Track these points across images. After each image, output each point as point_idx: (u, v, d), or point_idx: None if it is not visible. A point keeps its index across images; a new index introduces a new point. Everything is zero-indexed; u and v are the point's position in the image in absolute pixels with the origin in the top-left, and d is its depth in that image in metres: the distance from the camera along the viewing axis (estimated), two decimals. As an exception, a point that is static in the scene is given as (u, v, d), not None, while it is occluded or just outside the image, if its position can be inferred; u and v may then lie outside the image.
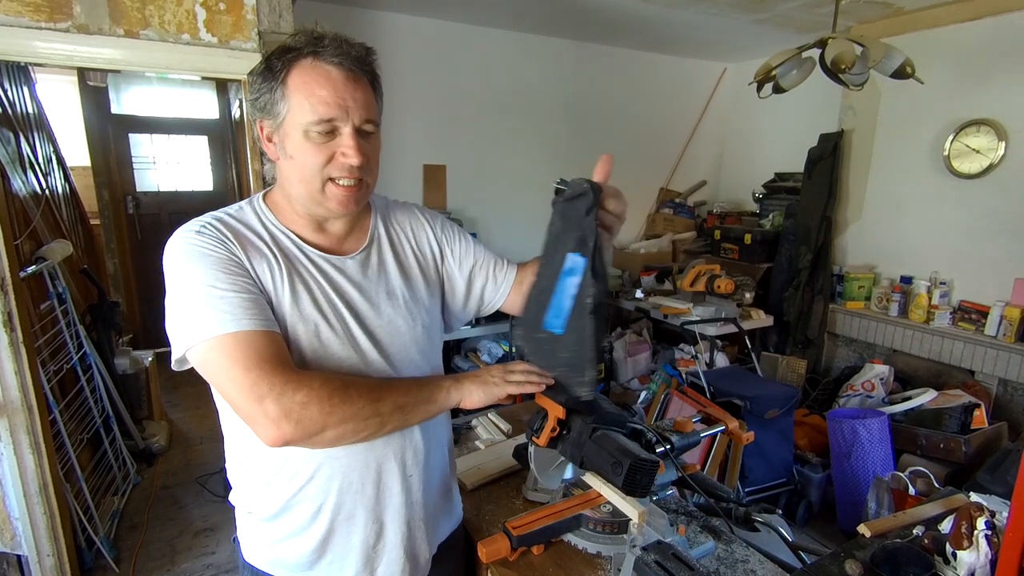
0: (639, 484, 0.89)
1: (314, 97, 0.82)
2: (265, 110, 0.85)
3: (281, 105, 0.83)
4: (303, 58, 0.84)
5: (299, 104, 0.82)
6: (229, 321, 0.78)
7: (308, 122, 0.82)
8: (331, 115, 0.83)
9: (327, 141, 0.84)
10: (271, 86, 0.84)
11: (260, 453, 0.90)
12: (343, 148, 0.85)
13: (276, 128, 0.86)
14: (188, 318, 0.80)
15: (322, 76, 0.83)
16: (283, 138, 0.85)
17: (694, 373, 2.93)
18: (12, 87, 2.62)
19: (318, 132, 0.83)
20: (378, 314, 0.94)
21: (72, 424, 2.44)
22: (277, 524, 0.93)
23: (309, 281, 0.89)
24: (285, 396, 0.76)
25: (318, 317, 0.88)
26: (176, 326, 0.81)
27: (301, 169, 0.85)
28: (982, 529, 0.95)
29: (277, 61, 0.84)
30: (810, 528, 2.70)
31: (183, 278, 0.81)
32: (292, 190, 0.89)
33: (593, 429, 0.93)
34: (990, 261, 3.05)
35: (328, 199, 0.87)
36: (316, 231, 0.93)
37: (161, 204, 4.78)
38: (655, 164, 4.67)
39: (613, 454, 0.90)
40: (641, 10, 3.27)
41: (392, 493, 0.94)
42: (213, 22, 1.93)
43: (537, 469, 1.02)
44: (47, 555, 2.01)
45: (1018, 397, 2.95)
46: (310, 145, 0.84)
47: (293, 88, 0.83)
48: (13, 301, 1.81)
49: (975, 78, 3.06)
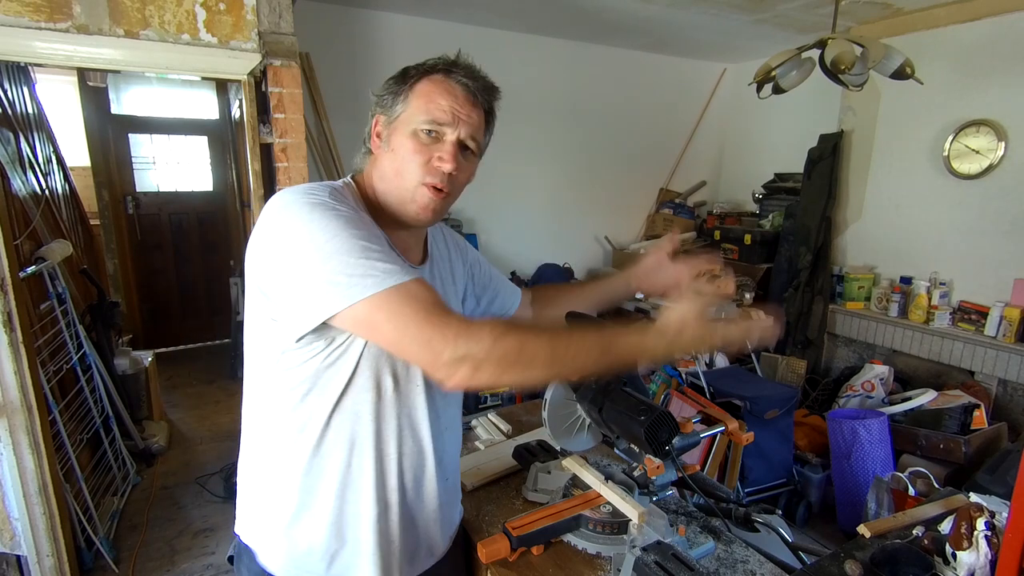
0: (659, 438, 0.91)
1: (432, 103, 0.88)
2: (385, 107, 0.91)
3: (400, 105, 0.90)
4: (436, 73, 0.90)
5: (417, 106, 0.88)
6: (396, 273, 0.76)
7: (419, 121, 0.88)
8: (441, 120, 0.88)
9: (430, 144, 0.88)
10: (400, 88, 0.90)
11: (300, 452, 0.89)
12: (440, 152, 0.88)
13: (388, 124, 0.91)
14: (346, 273, 0.75)
15: (446, 89, 0.89)
16: (391, 132, 0.90)
17: (694, 373, 2.93)
18: (12, 87, 2.62)
19: (425, 132, 0.88)
20: None
21: (72, 424, 2.44)
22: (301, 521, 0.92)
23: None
24: (461, 346, 0.74)
25: None
26: (325, 285, 0.76)
27: (401, 162, 0.89)
28: (982, 530, 0.95)
29: (413, 70, 0.91)
30: (810, 528, 2.70)
31: (327, 234, 0.77)
32: (384, 184, 0.91)
33: (623, 383, 0.99)
34: (990, 261, 3.05)
35: (416, 200, 0.89)
36: (397, 234, 0.95)
37: (161, 204, 4.78)
38: (655, 164, 4.67)
39: (639, 404, 0.95)
40: (641, 10, 3.27)
41: (429, 489, 0.97)
42: (213, 22, 1.93)
43: (550, 423, 1.06)
44: (47, 555, 2.01)
45: (1018, 397, 2.95)
46: (414, 143, 0.88)
47: (418, 93, 0.89)
48: (13, 301, 1.81)
49: (975, 78, 3.06)
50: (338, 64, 3.34)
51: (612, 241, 4.51)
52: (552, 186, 4.24)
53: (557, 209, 4.29)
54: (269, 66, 2.07)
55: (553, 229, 4.29)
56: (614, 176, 4.46)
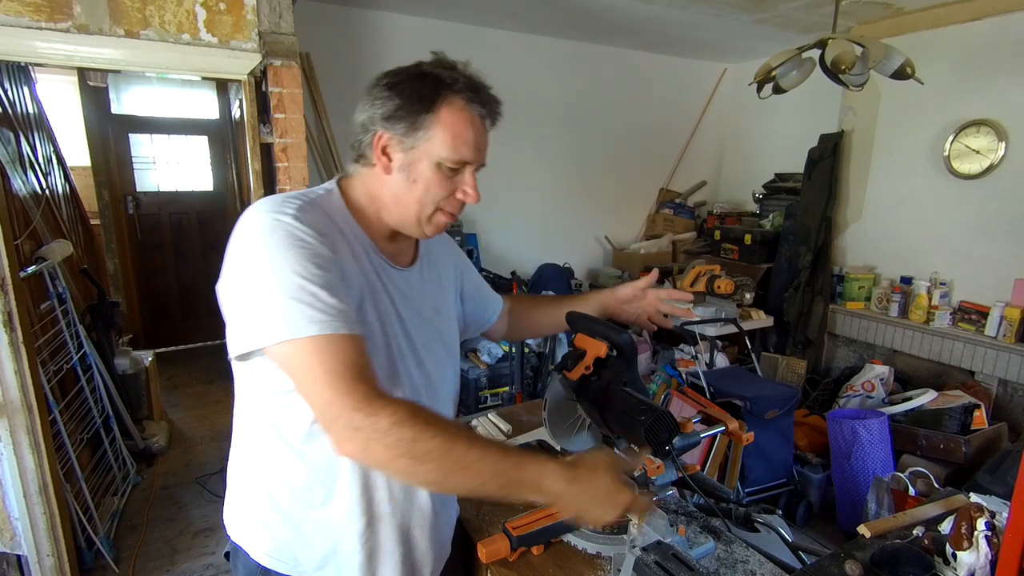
0: (659, 438, 0.92)
1: (460, 139, 0.86)
2: (398, 128, 0.86)
3: (423, 132, 0.85)
4: (457, 95, 0.86)
5: (441, 139, 0.86)
6: (321, 322, 0.74)
7: (446, 157, 0.86)
8: (468, 158, 0.88)
9: (451, 176, 0.89)
10: (419, 110, 0.85)
11: (297, 456, 0.88)
12: (465, 187, 0.90)
13: (407, 148, 0.87)
14: (274, 311, 0.75)
15: (469, 120, 0.87)
16: (411, 161, 0.87)
17: (694, 373, 2.93)
18: (12, 87, 2.62)
19: (450, 167, 0.88)
20: (426, 328, 0.98)
21: (72, 424, 2.44)
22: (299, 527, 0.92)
23: (376, 289, 0.90)
24: (356, 419, 0.73)
25: (377, 326, 0.88)
26: (256, 317, 0.76)
27: (423, 195, 0.88)
28: (982, 530, 0.95)
29: (429, 90, 0.85)
30: (810, 528, 2.70)
31: (273, 264, 0.76)
32: (398, 208, 0.90)
33: (623, 383, 0.99)
34: (990, 261, 3.05)
35: (431, 225, 0.92)
36: (387, 241, 0.95)
37: (161, 204, 4.78)
38: (655, 164, 4.67)
39: (640, 404, 0.95)
40: (641, 10, 3.27)
41: (425, 501, 0.97)
42: (213, 22, 1.93)
43: (550, 423, 1.07)
44: (47, 555, 2.01)
45: (1018, 397, 2.95)
46: (439, 177, 0.88)
47: (445, 122, 0.85)
48: (13, 301, 1.81)
49: (975, 78, 3.06)
50: (338, 64, 3.34)
51: (612, 241, 4.51)
52: (552, 186, 4.24)
53: (557, 209, 4.29)
54: (269, 66, 2.07)
55: (553, 229, 4.29)
56: (614, 176, 4.46)
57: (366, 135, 0.88)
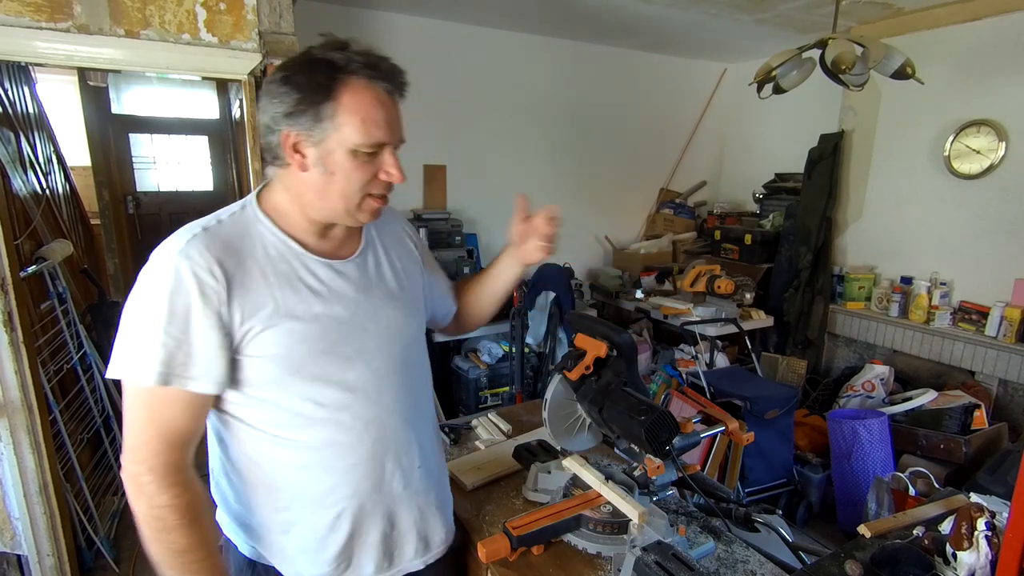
0: (659, 438, 0.92)
1: (369, 121, 0.84)
2: (302, 123, 0.83)
3: (328, 122, 0.83)
4: (354, 77, 0.83)
5: (350, 125, 0.83)
6: (159, 375, 0.79)
7: (359, 143, 0.84)
8: (383, 139, 0.86)
9: (370, 160, 0.87)
10: (317, 100, 0.82)
11: (273, 468, 0.91)
12: (387, 167, 0.88)
13: (316, 143, 0.84)
14: (135, 345, 0.80)
15: (375, 99, 0.84)
16: (323, 154, 0.84)
17: (694, 373, 2.93)
18: (12, 87, 2.62)
19: (366, 152, 0.85)
20: (382, 315, 0.96)
21: (72, 424, 2.44)
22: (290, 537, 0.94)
23: (308, 289, 0.89)
24: (145, 479, 0.81)
25: (316, 325, 0.88)
26: (119, 346, 0.81)
27: (345, 185, 0.86)
28: (982, 530, 0.95)
29: (324, 77, 0.82)
30: (810, 528, 2.70)
31: (140, 308, 0.81)
32: (322, 202, 0.88)
33: (623, 383, 0.99)
34: (990, 261, 3.05)
35: (362, 211, 0.90)
36: (319, 237, 0.93)
37: (161, 204, 4.78)
38: (655, 164, 4.67)
39: (640, 404, 0.95)
40: (641, 10, 3.27)
41: (406, 485, 0.98)
42: (213, 22, 1.93)
43: (551, 423, 1.07)
44: (47, 555, 2.01)
45: (1018, 398, 2.94)
46: (356, 164, 0.85)
47: (346, 108, 0.82)
48: (13, 301, 1.81)
49: (975, 78, 3.06)
50: (338, 64, 3.33)
51: (612, 241, 4.51)
52: (552, 186, 4.24)
53: (557, 209, 4.28)
54: (269, 66, 2.07)
55: (553, 229, 4.29)
56: (614, 176, 4.46)
57: (273, 136, 0.86)
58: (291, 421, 0.88)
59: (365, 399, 0.92)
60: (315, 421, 0.89)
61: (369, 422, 0.93)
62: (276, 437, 0.89)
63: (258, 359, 0.85)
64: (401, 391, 0.97)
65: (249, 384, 0.86)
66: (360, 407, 0.92)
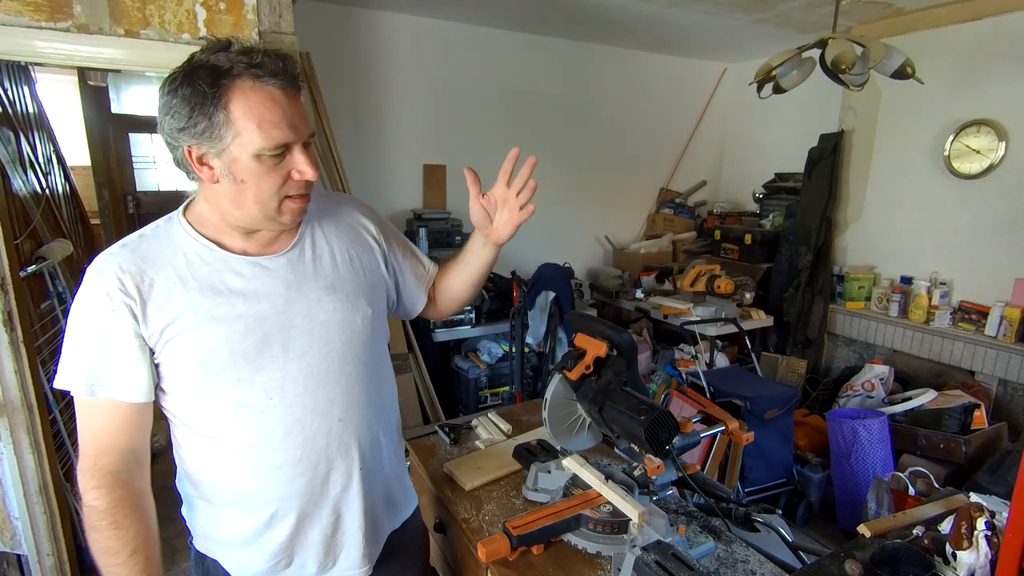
0: (660, 438, 0.92)
1: (265, 123, 0.80)
2: (199, 135, 0.80)
3: (225, 130, 0.80)
4: (240, 79, 0.80)
5: (248, 130, 0.80)
6: (83, 385, 0.85)
7: (261, 148, 0.81)
8: (285, 139, 0.83)
9: (279, 162, 0.84)
10: (208, 111, 0.79)
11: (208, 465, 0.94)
12: (298, 167, 0.86)
13: (217, 153, 0.82)
14: (67, 358, 0.86)
15: (267, 99, 0.81)
16: (229, 164, 0.82)
17: (694, 373, 2.93)
18: (12, 87, 2.62)
19: (271, 155, 0.83)
20: (318, 309, 0.94)
21: (72, 424, 2.44)
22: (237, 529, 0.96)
23: (229, 291, 0.89)
24: (80, 479, 0.87)
25: (239, 325, 0.88)
26: (64, 358, 0.86)
27: (257, 192, 0.84)
28: (982, 529, 0.95)
29: (207, 85, 0.78)
30: (810, 528, 2.70)
31: (73, 319, 0.86)
32: (241, 211, 0.87)
33: (623, 382, 0.99)
34: (990, 261, 3.05)
35: (283, 214, 0.89)
36: (245, 239, 0.92)
37: (161, 204, 4.78)
38: (655, 164, 4.67)
39: (640, 403, 0.95)
40: (641, 10, 3.27)
41: (346, 487, 0.97)
42: (213, 22, 1.93)
43: (551, 423, 1.08)
44: (47, 554, 2.01)
45: (1018, 397, 2.94)
46: (264, 168, 0.83)
47: (239, 114, 0.79)
48: (13, 301, 1.81)
49: (975, 78, 3.06)
50: (338, 64, 3.33)
51: (612, 241, 4.51)
52: (552, 185, 4.23)
53: (557, 208, 4.28)
54: (269, 66, 2.07)
55: (553, 229, 4.28)
56: (614, 176, 4.46)
57: (177, 152, 0.84)
58: (217, 421, 0.90)
59: (291, 399, 0.91)
60: (239, 420, 0.89)
61: (293, 424, 0.91)
62: (206, 436, 0.91)
63: (179, 364, 0.87)
64: (338, 388, 0.94)
65: (175, 386, 0.89)
66: (282, 408, 0.90)
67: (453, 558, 1.24)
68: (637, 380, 1.04)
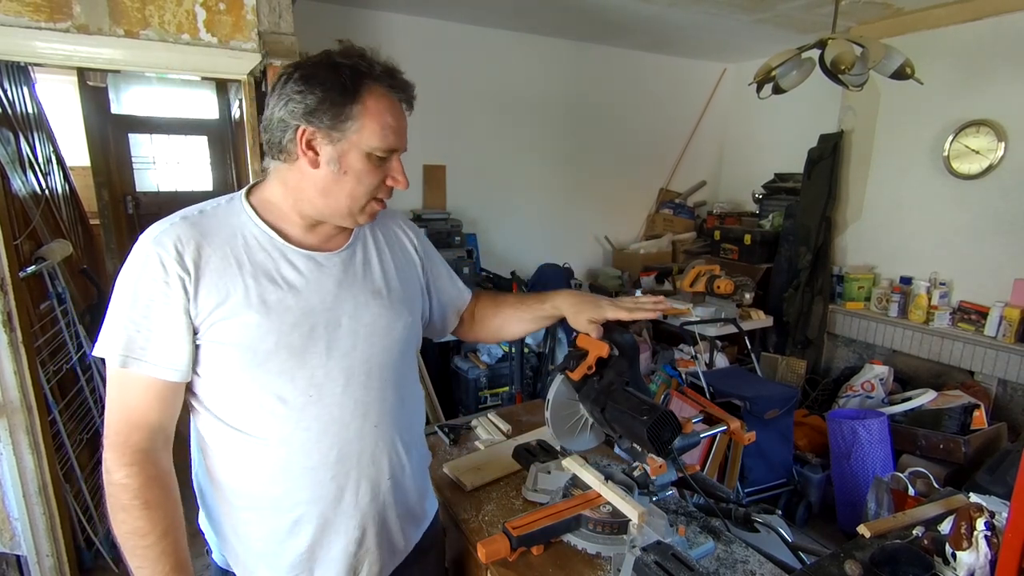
0: (662, 438, 0.92)
1: (388, 127, 0.88)
2: (322, 121, 0.85)
3: (352, 123, 0.85)
4: (377, 84, 0.87)
5: (370, 128, 0.86)
6: (129, 359, 0.82)
7: (376, 147, 0.87)
8: (396, 145, 0.90)
9: (380, 165, 0.90)
10: (343, 101, 0.85)
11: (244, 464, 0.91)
12: (394, 174, 0.93)
13: (334, 141, 0.86)
14: (107, 326, 0.84)
15: (394, 107, 0.89)
16: (340, 154, 0.87)
17: (694, 373, 2.93)
18: (12, 87, 2.61)
19: (379, 156, 0.89)
20: (364, 311, 0.95)
21: (72, 424, 2.44)
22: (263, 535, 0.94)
23: (284, 281, 0.89)
24: (108, 456, 0.85)
25: (288, 316, 0.88)
26: (105, 326, 0.84)
27: (355, 186, 0.89)
28: (982, 530, 0.95)
29: (349, 80, 0.85)
30: (810, 528, 2.70)
31: (120, 286, 0.84)
32: (326, 200, 0.89)
33: (625, 382, 0.99)
34: (990, 261, 3.05)
35: (364, 214, 0.93)
36: (307, 231, 0.94)
37: (161, 204, 4.78)
38: (655, 164, 4.67)
39: (642, 404, 0.95)
40: (641, 10, 3.27)
41: (374, 497, 0.95)
42: (213, 22, 1.93)
43: (553, 423, 1.08)
44: (46, 555, 2.01)
45: (1018, 397, 2.95)
46: (368, 167, 0.89)
47: (372, 112, 0.86)
48: (13, 301, 1.81)
49: (975, 78, 3.06)
50: (338, 64, 3.33)
51: (612, 241, 4.51)
52: (552, 186, 4.24)
53: (557, 209, 4.29)
54: (269, 66, 2.07)
55: (553, 229, 4.29)
56: (614, 176, 4.46)
57: (286, 131, 0.87)
58: (250, 414, 0.88)
59: (330, 398, 0.90)
60: (275, 416, 0.88)
61: (329, 423, 0.90)
62: (235, 429, 0.88)
63: (223, 347, 0.85)
64: (373, 393, 0.94)
65: (213, 371, 0.87)
66: (320, 407, 0.89)
67: (453, 558, 1.24)
68: (639, 380, 1.04)
